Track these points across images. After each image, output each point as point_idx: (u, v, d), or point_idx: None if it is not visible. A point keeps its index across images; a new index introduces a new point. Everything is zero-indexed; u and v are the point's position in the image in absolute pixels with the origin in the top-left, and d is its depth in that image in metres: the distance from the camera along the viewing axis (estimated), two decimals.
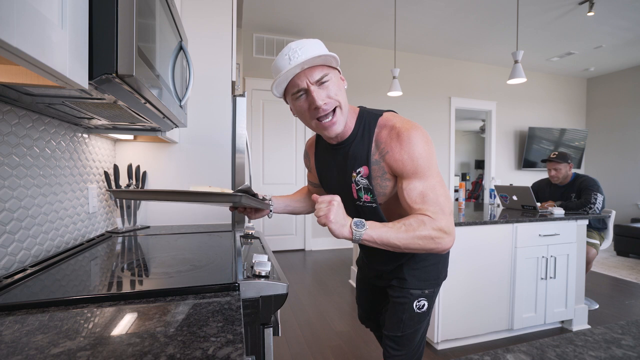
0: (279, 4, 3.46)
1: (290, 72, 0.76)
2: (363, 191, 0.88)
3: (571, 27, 3.87)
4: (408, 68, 4.76)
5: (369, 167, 0.85)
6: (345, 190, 0.93)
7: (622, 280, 3.32)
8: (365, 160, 0.86)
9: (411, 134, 0.79)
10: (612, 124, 5.45)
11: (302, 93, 0.80)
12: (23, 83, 0.55)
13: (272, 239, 4.27)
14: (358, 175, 0.88)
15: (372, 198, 0.88)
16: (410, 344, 0.99)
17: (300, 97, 0.81)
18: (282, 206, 1.13)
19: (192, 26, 1.62)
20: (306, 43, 0.80)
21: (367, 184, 0.87)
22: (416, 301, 0.97)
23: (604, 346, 0.47)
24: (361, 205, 0.91)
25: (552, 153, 2.64)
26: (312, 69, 0.78)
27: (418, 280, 0.97)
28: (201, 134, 1.66)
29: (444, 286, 1.89)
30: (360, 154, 0.86)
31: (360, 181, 0.88)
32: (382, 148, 0.83)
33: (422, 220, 0.75)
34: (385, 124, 0.85)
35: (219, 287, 0.72)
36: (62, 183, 1.08)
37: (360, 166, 0.87)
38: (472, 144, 9.25)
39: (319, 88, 0.79)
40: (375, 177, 0.86)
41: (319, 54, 0.76)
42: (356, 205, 0.93)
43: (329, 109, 0.80)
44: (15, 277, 0.76)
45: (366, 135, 0.86)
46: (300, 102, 0.82)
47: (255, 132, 4.16)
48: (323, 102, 0.79)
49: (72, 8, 0.51)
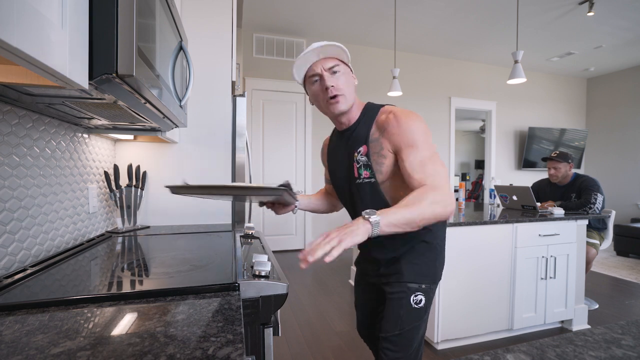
0: (279, 4, 3.46)
1: (308, 54, 0.92)
2: (363, 168, 0.98)
3: (571, 27, 3.87)
4: (408, 68, 4.77)
5: (367, 145, 0.96)
6: (349, 171, 1.02)
7: (622, 280, 3.32)
8: (364, 140, 0.97)
9: (409, 114, 0.92)
10: (612, 124, 5.45)
11: (317, 79, 0.95)
12: (23, 83, 0.55)
13: (272, 239, 4.27)
14: (359, 154, 0.98)
15: (371, 173, 0.96)
16: (408, 346, 0.97)
17: (315, 82, 0.96)
18: (305, 203, 1.21)
19: (192, 26, 1.62)
20: (325, 42, 0.94)
21: (366, 160, 0.96)
22: (413, 295, 0.98)
23: (604, 346, 0.47)
24: (361, 182, 0.99)
25: (553, 152, 2.64)
26: (326, 59, 0.94)
27: (416, 274, 0.99)
28: (201, 134, 1.66)
29: (444, 286, 1.89)
30: (362, 136, 0.98)
31: (360, 159, 0.98)
32: (381, 126, 0.95)
33: (425, 189, 0.81)
34: (386, 110, 0.97)
35: (219, 287, 0.72)
36: (62, 183, 1.08)
37: (360, 146, 0.97)
38: (472, 144, 9.25)
39: (330, 75, 0.94)
40: (374, 154, 0.95)
41: (333, 43, 0.91)
42: (357, 184, 1.00)
43: (334, 92, 0.93)
44: (15, 277, 0.76)
45: (368, 121, 0.98)
46: (315, 87, 0.97)
47: (255, 132, 4.16)
48: (332, 84, 0.93)
49: (72, 8, 0.51)
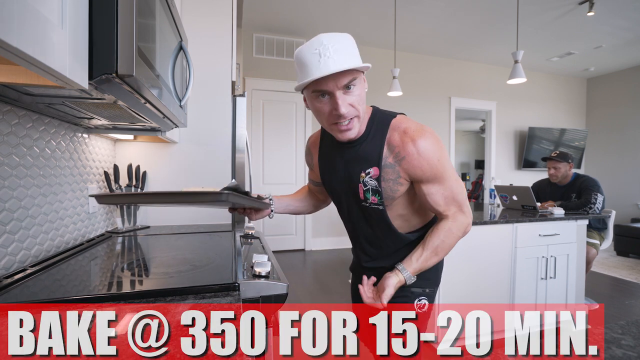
0: (279, 4, 3.46)
1: (320, 77, 0.72)
2: (371, 192, 0.86)
3: (571, 27, 3.87)
4: (408, 68, 4.76)
5: (380, 168, 0.84)
6: (351, 190, 0.91)
7: (622, 280, 3.31)
8: (376, 162, 0.84)
9: (427, 139, 0.81)
10: (612, 124, 5.45)
11: (326, 95, 0.77)
12: (23, 83, 0.55)
13: (272, 239, 4.27)
14: (367, 175, 0.86)
15: (380, 200, 0.86)
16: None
17: (322, 98, 0.78)
18: (283, 206, 1.10)
19: (192, 26, 1.62)
20: (339, 41, 0.74)
21: (376, 186, 0.85)
22: (417, 300, 0.94)
23: (604, 346, 0.47)
24: (367, 206, 0.89)
25: (553, 152, 2.64)
26: (342, 73, 0.73)
27: (419, 279, 0.93)
28: (201, 134, 1.66)
29: (444, 286, 1.88)
30: (371, 155, 0.85)
31: (368, 182, 0.86)
32: (397, 152, 0.82)
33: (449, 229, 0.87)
34: (398, 127, 0.83)
35: (219, 287, 0.71)
36: (62, 183, 1.07)
37: (370, 167, 0.85)
38: (472, 144, 9.25)
39: (344, 94, 0.76)
40: (387, 180, 0.84)
41: (354, 66, 0.72)
42: (361, 206, 0.91)
43: (348, 117, 0.78)
44: (15, 277, 0.76)
45: (378, 137, 0.85)
46: (321, 104, 0.79)
47: (255, 132, 4.16)
48: (346, 110, 0.77)
49: (72, 8, 0.51)
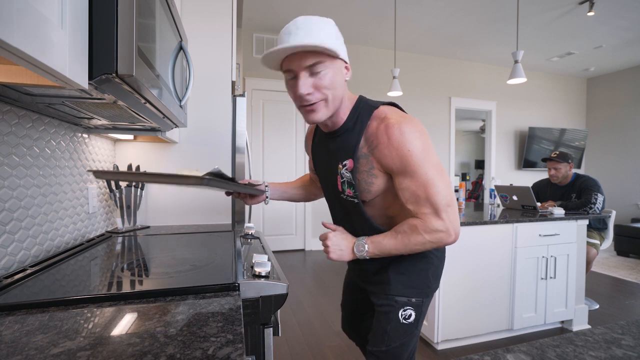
0: (279, 4, 3.46)
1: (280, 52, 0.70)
2: (346, 185, 0.84)
3: (571, 27, 3.87)
4: (408, 68, 4.76)
5: (354, 160, 0.80)
6: (332, 181, 0.90)
7: (622, 280, 3.31)
8: (352, 153, 0.81)
9: (402, 127, 0.74)
10: (612, 124, 5.45)
11: (292, 76, 0.75)
12: (23, 83, 0.55)
13: (272, 239, 4.27)
14: (343, 167, 0.83)
15: (354, 193, 0.83)
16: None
17: (290, 79, 0.76)
18: (278, 193, 1.13)
19: (192, 26, 1.62)
20: (312, 22, 0.73)
21: (350, 178, 0.82)
22: (402, 310, 0.88)
23: (604, 346, 0.47)
24: (344, 198, 0.87)
25: (553, 152, 2.64)
26: (306, 52, 0.71)
27: (404, 287, 0.89)
28: (201, 134, 1.66)
29: (444, 286, 1.89)
30: (348, 146, 0.82)
31: (344, 174, 0.83)
32: (370, 141, 0.78)
33: (415, 226, 0.78)
34: (378, 116, 0.79)
35: (219, 287, 0.72)
36: (62, 183, 1.07)
37: (346, 158, 0.82)
38: (472, 144, 9.25)
39: (308, 76, 0.73)
40: (361, 172, 0.81)
41: (313, 44, 0.68)
42: (340, 198, 0.89)
43: (311, 100, 0.75)
44: (15, 277, 0.76)
45: (358, 127, 0.81)
46: (289, 85, 0.77)
47: (255, 132, 4.16)
48: (307, 91, 0.73)
49: (72, 8, 0.51)
